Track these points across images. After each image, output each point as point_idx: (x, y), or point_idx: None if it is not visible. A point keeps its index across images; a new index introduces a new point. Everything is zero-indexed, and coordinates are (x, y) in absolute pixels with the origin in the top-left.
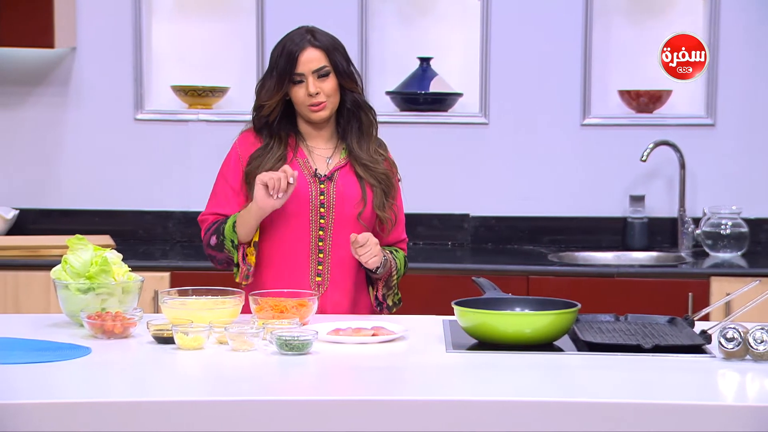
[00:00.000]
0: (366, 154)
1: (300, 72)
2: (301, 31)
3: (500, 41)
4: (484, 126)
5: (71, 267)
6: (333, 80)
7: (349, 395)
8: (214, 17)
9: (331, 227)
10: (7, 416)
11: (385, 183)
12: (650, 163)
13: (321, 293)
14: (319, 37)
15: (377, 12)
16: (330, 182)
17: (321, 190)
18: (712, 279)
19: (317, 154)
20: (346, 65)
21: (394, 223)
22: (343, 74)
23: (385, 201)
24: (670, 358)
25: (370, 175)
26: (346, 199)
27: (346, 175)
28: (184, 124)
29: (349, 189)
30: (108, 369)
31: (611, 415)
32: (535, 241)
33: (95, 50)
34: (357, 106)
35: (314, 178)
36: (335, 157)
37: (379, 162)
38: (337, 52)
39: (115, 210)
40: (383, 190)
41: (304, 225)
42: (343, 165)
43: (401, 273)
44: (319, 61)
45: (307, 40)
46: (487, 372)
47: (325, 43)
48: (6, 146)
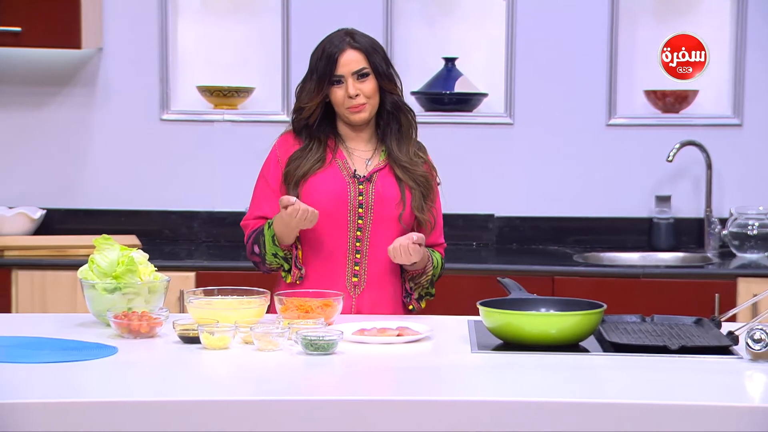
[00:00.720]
0: (405, 156)
1: (340, 74)
2: (340, 33)
3: (525, 41)
4: (509, 126)
5: (98, 267)
6: (372, 82)
7: (375, 395)
8: (240, 17)
9: (368, 228)
10: (34, 415)
11: (424, 185)
12: (676, 164)
13: (357, 294)
14: (358, 38)
15: (402, 12)
16: (369, 183)
17: (360, 191)
18: (738, 280)
19: (356, 155)
20: (386, 67)
21: (433, 226)
22: (382, 76)
23: (423, 203)
24: (696, 360)
25: (409, 177)
26: (384, 201)
27: (385, 177)
28: (209, 124)
29: (388, 190)
30: (134, 368)
31: (637, 416)
32: (560, 242)
33: (121, 51)
34: (396, 108)
35: (353, 179)
36: (374, 159)
37: (418, 164)
38: (376, 53)
39: (141, 210)
40: (422, 192)
41: (342, 225)
42: (382, 167)
43: (437, 273)
44: (358, 63)
45: (346, 42)
46: (512, 372)
47: (364, 45)
48: (33, 146)
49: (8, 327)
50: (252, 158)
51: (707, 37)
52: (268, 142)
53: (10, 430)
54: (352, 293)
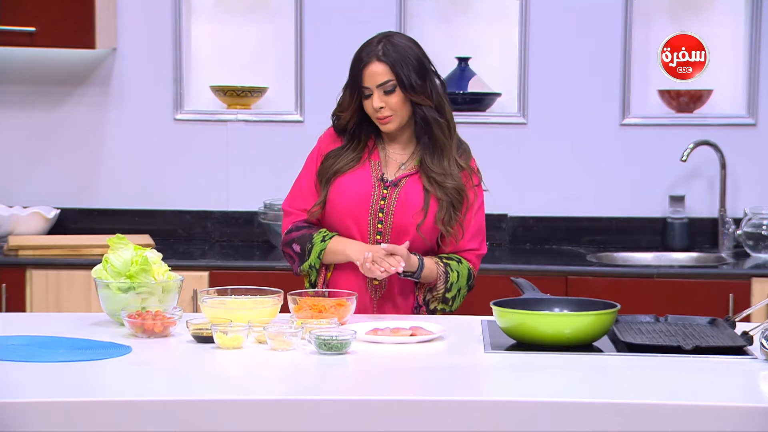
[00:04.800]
0: (438, 167)
1: (366, 85)
2: (374, 41)
3: (539, 41)
4: (523, 126)
5: (112, 266)
6: (399, 95)
7: (388, 395)
8: (253, 17)
9: (388, 233)
10: (48, 414)
11: (454, 197)
12: (690, 163)
13: (378, 298)
14: (388, 48)
15: (416, 12)
16: (394, 188)
17: (383, 195)
18: (753, 280)
19: (392, 158)
20: (416, 78)
21: (460, 239)
22: (409, 89)
23: (452, 215)
24: (710, 360)
25: (439, 188)
26: (406, 207)
27: (413, 184)
28: (223, 124)
29: (412, 197)
30: (148, 368)
31: (651, 416)
32: (574, 242)
33: (135, 51)
34: (426, 122)
35: (379, 183)
36: (409, 163)
37: (453, 176)
38: (405, 65)
39: (155, 209)
40: (452, 204)
41: (363, 229)
42: (412, 173)
43: (458, 283)
44: (383, 76)
45: (374, 52)
46: (526, 372)
47: (391, 57)
48: (47, 146)
49: (23, 326)
50: (266, 158)
51: (721, 37)
52: (281, 142)
53: (25, 429)
54: (373, 296)
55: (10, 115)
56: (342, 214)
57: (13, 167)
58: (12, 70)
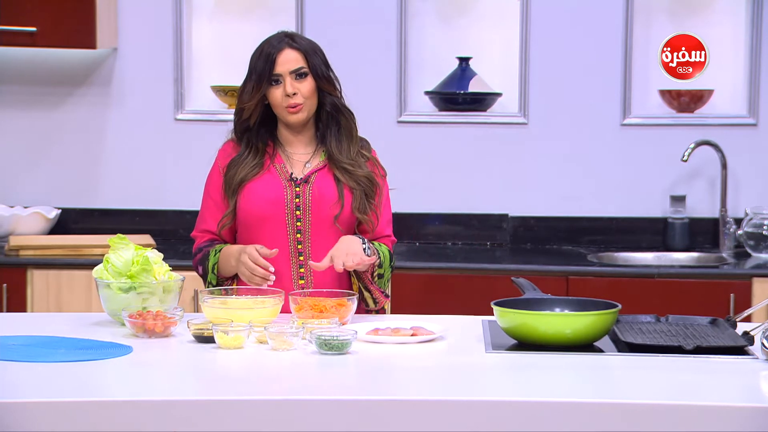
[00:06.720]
0: (346, 157)
1: (278, 73)
2: (280, 35)
3: (540, 41)
4: (524, 126)
5: (113, 266)
6: (311, 82)
7: (389, 395)
8: (254, 17)
9: (308, 230)
10: (49, 415)
11: (366, 185)
12: (691, 163)
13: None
14: (297, 39)
15: (416, 12)
16: (306, 185)
17: (296, 193)
18: (754, 280)
19: (296, 159)
20: (325, 69)
21: (375, 226)
22: (321, 77)
23: (366, 203)
24: (711, 360)
25: (350, 177)
26: (322, 201)
27: (323, 178)
28: (224, 124)
29: (325, 191)
30: (149, 368)
31: (652, 416)
32: (575, 242)
33: (136, 51)
34: (336, 109)
35: (290, 182)
36: (314, 161)
37: (360, 164)
38: (315, 55)
39: (156, 209)
40: (364, 192)
41: (281, 229)
42: (320, 168)
43: (385, 262)
44: (297, 62)
45: (285, 42)
46: (527, 373)
47: (303, 46)
48: (48, 146)
49: (23, 326)
50: None
51: (721, 37)
52: None
53: (25, 429)
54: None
55: (11, 115)
56: (258, 219)
57: (14, 167)
58: (13, 70)
